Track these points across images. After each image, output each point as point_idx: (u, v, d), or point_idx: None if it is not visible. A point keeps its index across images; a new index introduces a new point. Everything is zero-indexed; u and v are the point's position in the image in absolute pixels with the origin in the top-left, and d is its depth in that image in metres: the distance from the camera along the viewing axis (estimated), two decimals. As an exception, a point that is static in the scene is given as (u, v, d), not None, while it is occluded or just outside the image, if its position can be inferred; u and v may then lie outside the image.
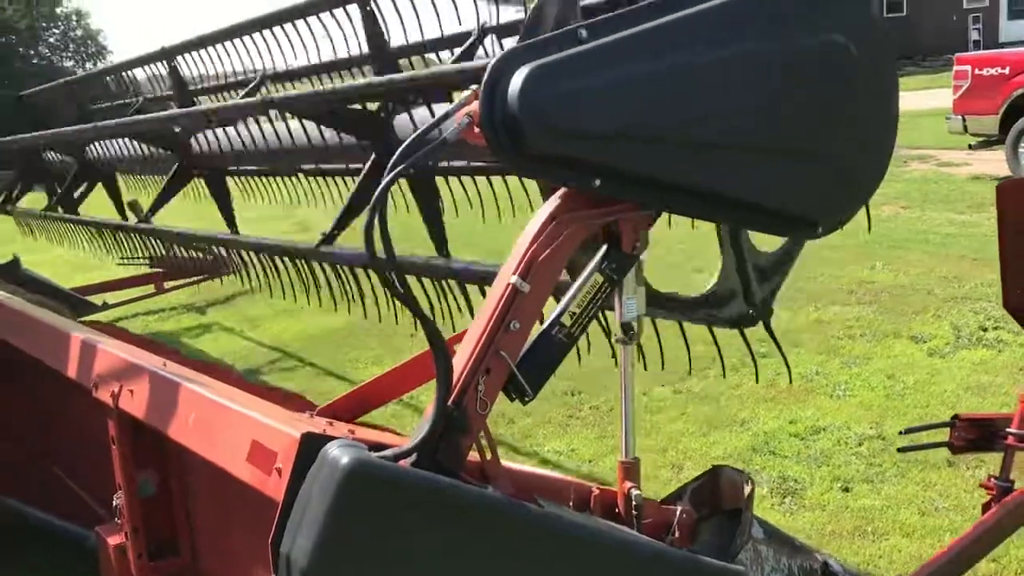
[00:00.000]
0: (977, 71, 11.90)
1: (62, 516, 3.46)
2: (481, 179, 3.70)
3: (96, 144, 5.24)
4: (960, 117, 12.13)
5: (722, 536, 2.07)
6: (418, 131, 1.61)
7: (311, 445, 1.54)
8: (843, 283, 7.46)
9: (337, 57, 4.03)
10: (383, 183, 1.54)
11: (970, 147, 12.40)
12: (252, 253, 3.96)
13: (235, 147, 3.81)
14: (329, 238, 3.19)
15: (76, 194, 5.75)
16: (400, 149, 1.58)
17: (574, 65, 1.58)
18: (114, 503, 2.44)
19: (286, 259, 3.68)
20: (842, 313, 6.76)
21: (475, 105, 1.58)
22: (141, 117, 4.55)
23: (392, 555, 1.48)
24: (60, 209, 5.70)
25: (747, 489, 2.09)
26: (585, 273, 1.78)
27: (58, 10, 38.35)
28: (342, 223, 3.15)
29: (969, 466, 4.18)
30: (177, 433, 2.03)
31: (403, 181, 2.39)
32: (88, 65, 37.79)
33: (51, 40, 38.51)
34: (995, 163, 12.24)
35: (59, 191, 5.79)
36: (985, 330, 6.00)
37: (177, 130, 4.12)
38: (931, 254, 8.24)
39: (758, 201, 1.81)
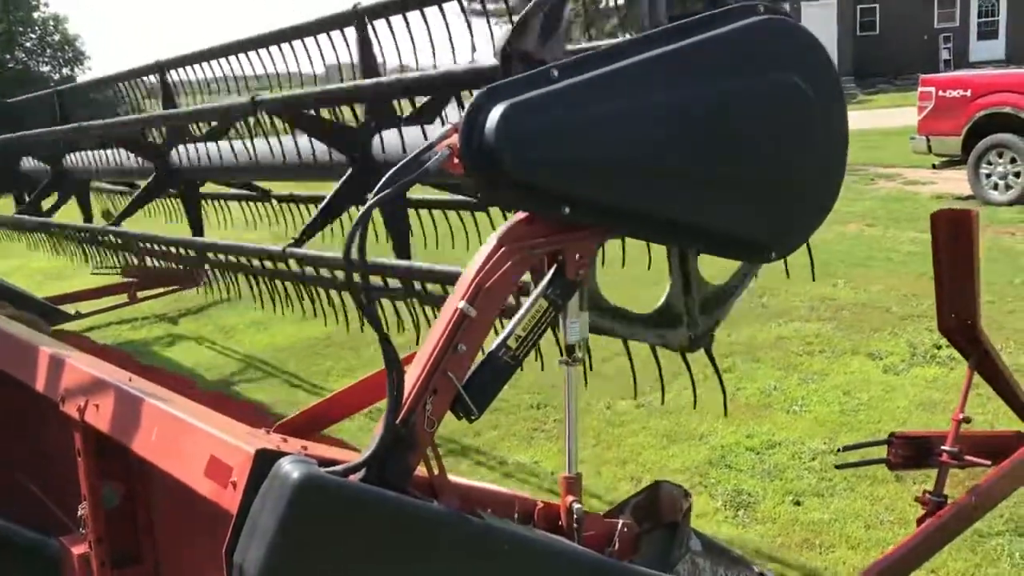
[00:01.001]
0: (941, 93, 12.16)
1: (28, 525, 3.51)
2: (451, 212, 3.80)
3: (74, 154, 5.23)
4: (924, 137, 12.39)
5: (661, 548, 2.18)
6: (402, 161, 1.76)
7: (265, 460, 1.62)
8: (805, 300, 7.63)
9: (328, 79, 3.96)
10: (366, 206, 1.67)
11: (934, 166, 12.67)
12: (221, 255, 3.95)
13: (214, 160, 3.83)
14: (298, 242, 3.22)
15: (46, 205, 5.74)
16: (385, 178, 1.72)
17: (547, 102, 1.75)
18: (79, 513, 2.50)
19: (255, 261, 3.68)
20: (802, 329, 6.92)
21: (455, 138, 1.73)
22: (127, 118, 4.48)
23: (340, 567, 1.57)
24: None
25: (685, 503, 2.20)
26: (531, 299, 1.89)
27: (35, 15, 38.05)
28: (313, 229, 3.19)
29: (916, 481, 4.32)
30: (140, 447, 2.11)
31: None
32: (65, 71, 37.48)
33: (27, 45, 38.18)
34: (958, 182, 12.52)
35: (27, 199, 5.79)
36: (939, 348, 6.17)
37: (157, 140, 4.15)
38: (892, 272, 8.43)
39: (715, 227, 1.99)
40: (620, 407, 5.59)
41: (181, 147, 4.11)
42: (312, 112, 3.14)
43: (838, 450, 3.55)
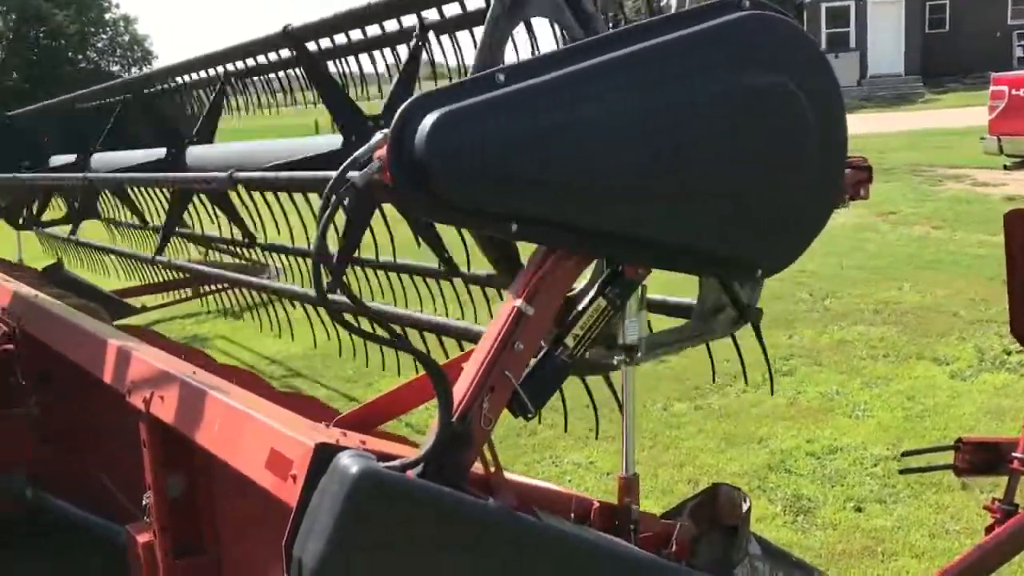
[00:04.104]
0: (1014, 91, 11.84)
1: (97, 513, 3.61)
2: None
3: (101, 153, 5.24)
4: (996, 137, 12.08)
5: (720, 552, 2.15)
6: (339, 171, 1.60)
7: (324, 454, 1.64)
8: (869, 303, 7.48)
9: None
10: (320, 225, 1.57)
11: (1005, 167, 12.33)
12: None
13: (227, 162, 3.83)
14: None
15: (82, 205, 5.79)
16: (326, 193, 1.59)
17: (489, 109, 1.58)
18: (143, 502, 2.57)
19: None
20: (866, 333, 6.78)
21: (385, 149, 1.58)
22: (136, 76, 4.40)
23: (396, 560, 1.58)
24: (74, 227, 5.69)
25: (744, 506, 2.17)
26: (589, 297, 1.88)
27: (106, 16, 39.13)
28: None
29: (984, 489, 4.21)
30: (203, 438, 2.15)
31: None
32: (134, 70, 38.42)
33: (99, 45, 39.29)
34: (1031, 184, 12.17)
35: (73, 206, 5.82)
36: (1009, 353, 6.00)
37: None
38: (960, 275, 8.22)
39: (688, 244, 1.83)
40: (677, 409, 5.54)
41: (195, 148, 4.08)
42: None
43: (901, 455, 3.47)
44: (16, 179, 5.59)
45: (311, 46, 3.17)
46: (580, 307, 1.87)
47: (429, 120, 1.55)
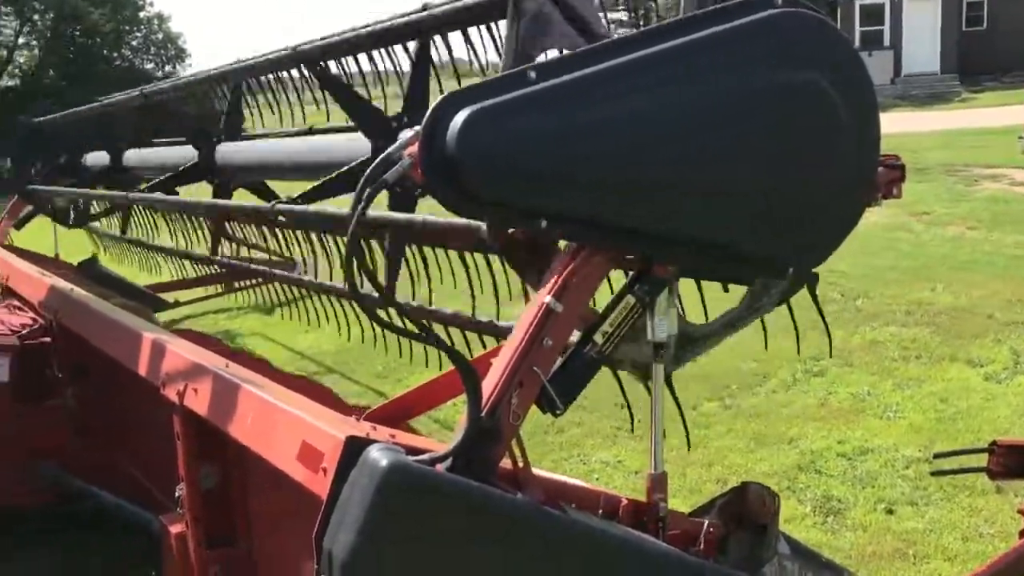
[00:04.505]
0: (1053, 90, 11.63)
1: (132, 503, 3.66)
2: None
3: (132, 150, 5.31)
4: (1033, 137, 11.88)
5: (748, 550, 2.15)
6: (370, 168, 1.63)
7: (354, 447, 1.66)
8: (901, 303, 7.40)
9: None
10: (350, 228, 1.60)
11: (1044, 167, 12.13)
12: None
13: (252, 160, 3.89)
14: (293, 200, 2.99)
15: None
16: (357, 191, 1.62)
17: (521, 106, 1.59)
18: (177, 494, 2.60)
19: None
20: (898, 334, 6.71)
21: (417, 146, 1.59)
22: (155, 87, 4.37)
23: (425, 553, 1.60)
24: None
25: (773, 505, 2.17)
26: (618, 295, 1.88)
27: (141, 14, 39.58)
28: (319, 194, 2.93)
29: (1018, 493, 4.15)
30: (236, 431, 2.18)
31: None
32: (167, 68, 38.85)
33: (133, 43, 39.75)
34: (1070, 184, 11.97)
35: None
36: (1046, 356, 5.92)
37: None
38: (995, 276, 8.11)
39: (719, 243, 1.82)
40: (707, 408, 5.52)
41: (223, 145, 4.12)
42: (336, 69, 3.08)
43: (933, 456, 3.43)
44: (55, 191, 5.74)
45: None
46: (609, 304, 1.87)
47: (461, 117, 1.56)
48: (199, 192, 4.32)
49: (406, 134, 1.67)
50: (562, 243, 1.87)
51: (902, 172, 2.37)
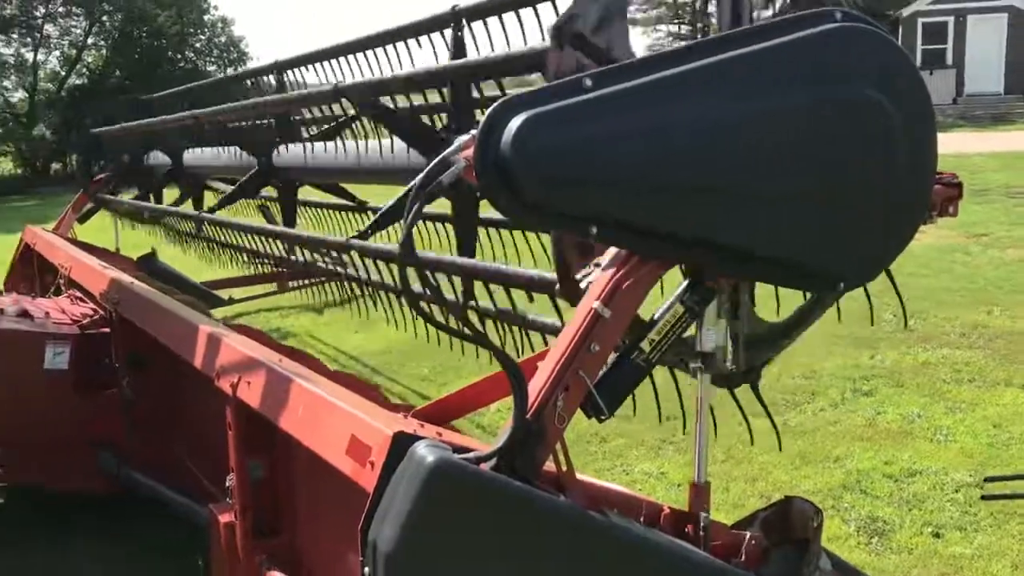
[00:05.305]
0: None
1: (182, 493, 3.75)
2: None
3: (192, 150, 5.45)
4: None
5: (790, 565, 2.14)
6: (425, 170, 1.67)
7: (402, 443, 1.70)
8: (956, 325, 7.26)
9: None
10: (407, 223, 1.64)
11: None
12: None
13: (312, 162, 3.94)
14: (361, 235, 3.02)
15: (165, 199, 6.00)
16: (412, 192, 1.66)
17: (575, 113, 1.60)
18: (226, 484, 2.66)
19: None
20: (951, 356, 6.59)
21: (472, 150, 1.61)
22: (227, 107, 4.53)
23: (466, 549, 1.63)
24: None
25: (816, 521, 2.16)
26: (667, 303, 1.89)
27: (205, 17, 40.38)
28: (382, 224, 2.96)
29: (1072, 523, 4.07)
30: (286, 423, 2.23)
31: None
32: (229, 70, 39.53)
33: (197, 45, 40.56)
34: None
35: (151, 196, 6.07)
36: (1105, 385, 5.77)
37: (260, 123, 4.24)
38: (1055, 301, 7.92)
39: (771, 254, 1.81)
40: (753, 424, 5.45)
41: (284, 147, 4.18)
42: (393, 105, 3.06)
43: (984, 481, 3.37)
44: (136, 206, 5.90)
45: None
46: (658, 312, 1.89)
47: (516, 122, 1.58)
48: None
49: (462, 138, 1.69)
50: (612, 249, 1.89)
51: (959, 190, 2.35)
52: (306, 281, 7.01)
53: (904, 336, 6.96)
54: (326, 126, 4.00)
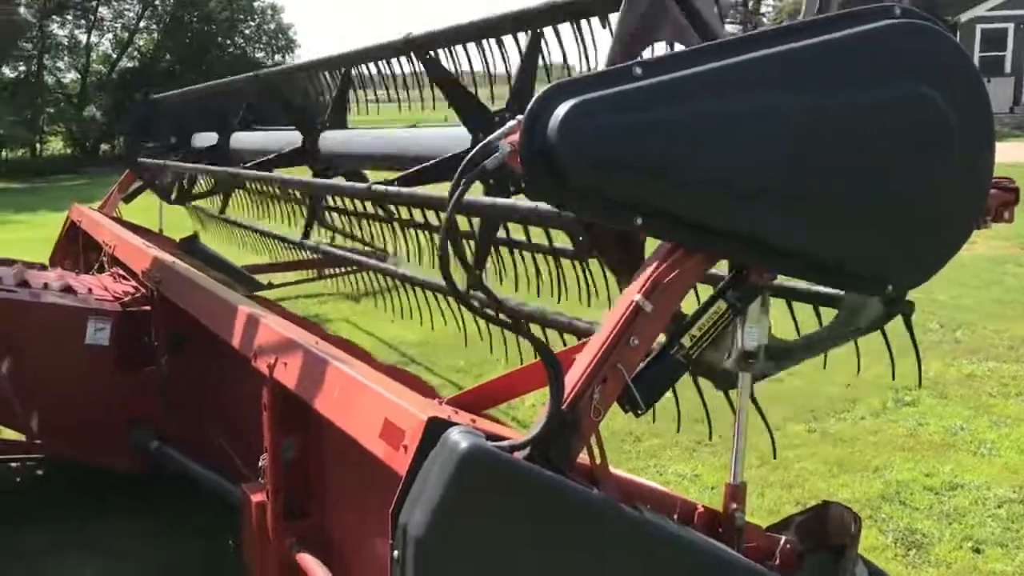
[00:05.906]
0: None
1: (216, 471, 3.77)
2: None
3: (239, 133, 5.44)
4: None
5: (825, 571, 2.09)
6: (470, 155, 1.65)
7: (436, 428, 1.68)
8: (1004, 338, 7.10)
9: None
10: (449, 208, 1.63)
11: None
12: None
13: (355, 149, 3.95)
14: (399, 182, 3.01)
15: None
16: (456, 176, 1.64)
17: (624, 101, 1.58)
18: (259, 464, 2.67)
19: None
20: (998, 369, 6.44)
21: (518, 135, 1.60)
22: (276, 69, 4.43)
23: (497, 536, 1.61)
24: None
25: (854, 527, 2.11)
26: (710, 299, 1.86)
27: (255, 4, 40.79)
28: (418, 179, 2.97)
29: (1118, 544, 3.95)
30: (321, 405, 2.23)
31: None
32: (277, 57, 39.92)
33: (246, 32, 40.98)
34: None
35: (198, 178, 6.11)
36: None
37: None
38: (1108, 317, 7.72)
39: (818, 253, 1.77)
40: (791, 430, 5.39)
41: (328, 133, 4.15)
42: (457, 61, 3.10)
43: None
44: (163, 164, 5.93)
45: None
46: (700, 308, 1.85)
47: (563, 108, 1.56)
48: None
49: (510, 123, 1.67)
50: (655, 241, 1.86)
51: (1016, 195, 2.28)
52: (343, 269, 7.04)
53: (950, 347, 6.83)
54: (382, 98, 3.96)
